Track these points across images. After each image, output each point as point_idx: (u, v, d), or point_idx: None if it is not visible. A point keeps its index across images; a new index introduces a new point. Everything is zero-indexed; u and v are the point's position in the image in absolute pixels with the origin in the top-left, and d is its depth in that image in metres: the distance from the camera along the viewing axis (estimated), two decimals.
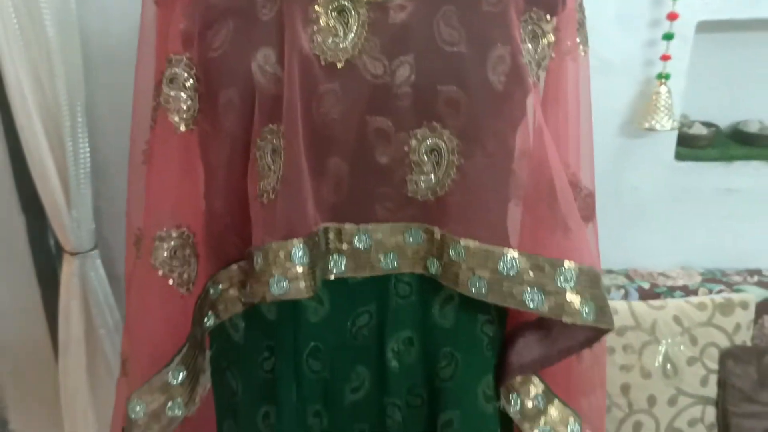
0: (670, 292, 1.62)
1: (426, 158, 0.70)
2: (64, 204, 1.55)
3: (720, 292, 1.61)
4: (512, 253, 0.70)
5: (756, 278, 1.67)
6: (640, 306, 1.55)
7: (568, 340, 0.78)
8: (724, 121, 1.77)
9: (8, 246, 1.73)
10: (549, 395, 0.84)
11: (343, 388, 0.79)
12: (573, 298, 0.70)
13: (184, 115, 0.73)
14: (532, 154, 0.76)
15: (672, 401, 1.54)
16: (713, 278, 1.67)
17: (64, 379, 1.69)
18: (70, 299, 1.63)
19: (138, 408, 0.75)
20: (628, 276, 1.69)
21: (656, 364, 1.53)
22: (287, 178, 0.67)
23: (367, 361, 0.78)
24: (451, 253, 0.71)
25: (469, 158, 0.70)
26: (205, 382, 0.82)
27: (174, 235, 0.75)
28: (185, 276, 0.77)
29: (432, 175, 0.71)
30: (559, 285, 0.70)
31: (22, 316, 1.81)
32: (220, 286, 0.77)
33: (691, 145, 1.68)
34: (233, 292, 0.77)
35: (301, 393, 0.79)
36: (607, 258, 1.74)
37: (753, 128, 1.70)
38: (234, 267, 0.77)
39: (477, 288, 0.70)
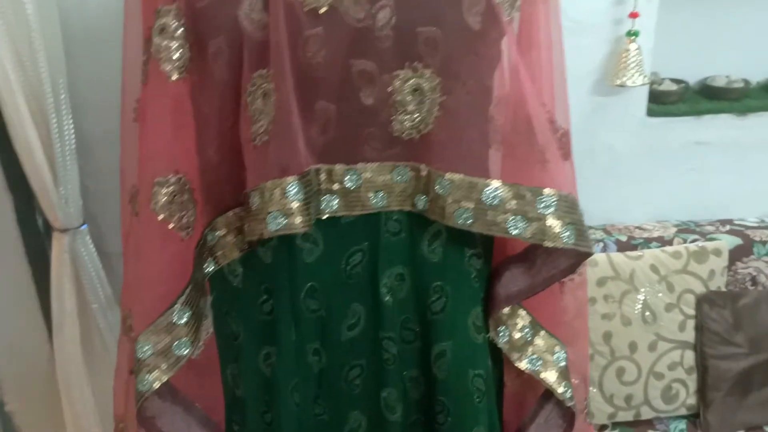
0: (647, 243, 1.68)
1: (409, 98, 0.74)
2: (51, 181, 1.56)
3: (694, 241, 1.67)
4: (495, 183, 0.74)
5: (728, 227, 1.73)
6: (618, 257, 1.61)
7: (551, 269, 0.82)
8: (693, 78, 1.83)
9: None
10: (536, 327, 0.88)
11: (339, 326, 0.83)
12: (553, 223, 0.75)
13: (176, 64, 0.75)
14: (509, 93, 0.80)
15: (652, 347, 1.60)
16: (687, 229, 1.73)
17: (60, 355, 1.72)
18: (62, 276, 1.65)
19: (146, 348, 0.78)
20: (605, 231, 1.75)
21: (636, 312, 1.59)
22: (278, 119, 0.70)
23: (361, 298, 0.82)
24: (437, 188, 0.75)
25: (450, 95, 0.73)
26: (208, 326, 0.85)
27: (172, 180, 0.78)
28: (184, 220, 0.80)
29: (416, 114, 0.74)
30: (540, 211, 0.74)
31: (14, 296, 1.82)
32: (218, 233, 0.80)
33: (662, 102, 1.73)
34: (230, 238, 0.81)
35: (299, 332, 0.82)
36: (585, 214, 1.80)
37: (720, 83, 1.75)
38: (230, 214, 0.80)
39: (463, 219, 0.74)
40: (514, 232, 0.74)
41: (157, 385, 0.78)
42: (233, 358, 0.86)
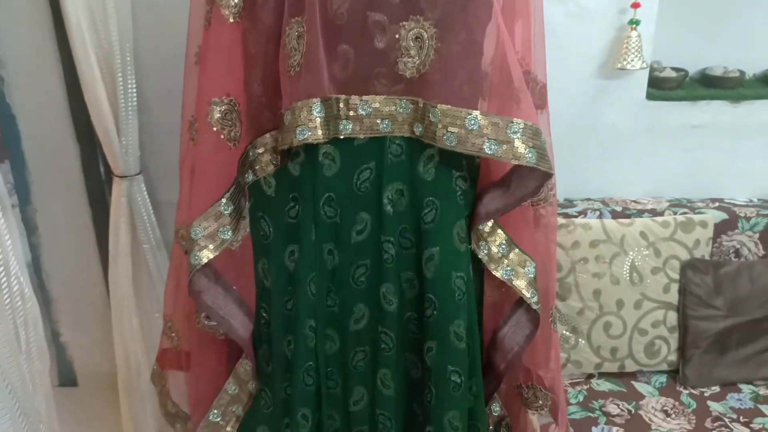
0: (639, 214, 1.85)
1: (412, 44, 0.93)
2: (115, 132, 1.80)
3: (684, 214, 1.83)
4: (475, 113, 0.93)
5: (717, 204, 1.89)
6: (611, 223, 1.78)
7: (523, 190, 1.01)
8: (693, 67, 1.98)
9: (64, 173, 1.99)
10: (510, 244, 1.07)
11: (350, 230, 1.03)
12: (519, 145, 0.94)
13: (233, 10, 0.96)
14: (495, 53, 0.99)
15: (637, 305, 1.77)
16: (679, 204, 1.89)
17: (113, 288, 1.95)
18: (119, 217, 1.88)
19: (198, 231, 1.00)
20: (603, 202, 1.92)
21: (624, 273, 1.76)
22: (308, 55, 0.91)
23: (368, 208, 1.02)
24: (431, 116, 0.94)
25: (444, 42, 0.93)
26: (245, 225, 1.06)
27: (225, 101, 0.99)
28: (232, 134, 1.01)
29: (416, 58, 0.94)
30: (509, 135, 0.93)
31: (75, 236, 2.07)
32: (257, 150, 1.01)
33: (661, 87, 1.90)
34: (267, 156, 1.01)
35: (318, 234, 1.03)
36: (586, 188, 1.98)
37: (717, 72, 1.91)
38: (268, 136, 1.01)
39: (449, 141, 0.94)
40: (488, 152, 0.94)
41: (205, 260, 0.99)
42: (264, 254, 1.07)
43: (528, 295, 1.06)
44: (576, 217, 1.82)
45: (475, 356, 1.10)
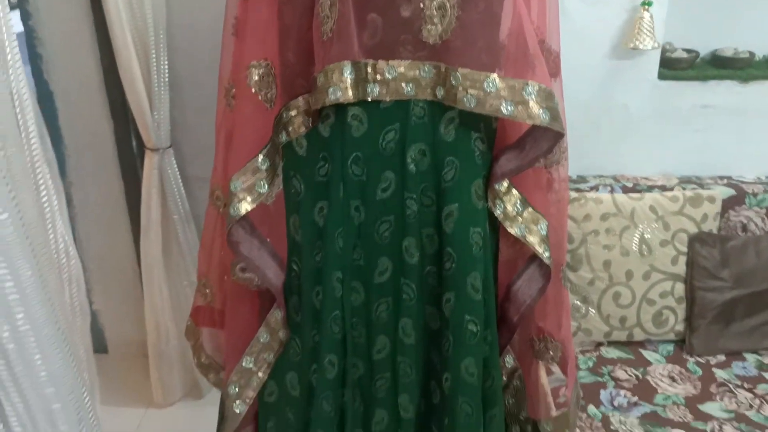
0: (649, 189, 1.92)
1: (435, 13, 1.01)
2: (148, 107, 1.89)
3: (693, 189, 1.90)
4: (493, 76, 1.01)
5: (725, 181, 1.95)
6: (621, 197, 1.86)
7: (536, 150, 1.09)
8: (704, 49, 2.04)
9: (97, 147, 2.09)
10: (525, 203, 1.15)
11: (375, 188, 1.11)
12: (534, 106, 1.01)
13: None
14: (512, 24, 1.07)
15: (646, 276, 1.84)
16: (689, 180, 1.96)
17: (144, 258, 2.05)
18: (150, 189, 1.98)
19: (237, 184, 1.08)
20: (615, 179, 1.99)
21: (633, 245, 1.83)
22: (340, 23, 0.99)
23: (393, 167, 1.10)
24: (452, 80, 1.02)
25: (464, 12, 1.00)
26: (279, 183, 1.14)
27: (262, 64, 1.07)
28: (269, 95, 1.09)
29: (439, 25, 1.02)
30: (524, 96, 1.01)
31: (107, 208, 2.18)
32: (291, 113, 1.09)
33: (673, 68, 1.96)
34: (299, 118, 1.09)
35: (346, 192, 1.11)
36: (599, 166, 2.05)
37: (728, 53, 1.97)
38: (300, 99, 1.09)
39: (469, 102, 1.01)
40: (505, 112, 1.01)
41: (243, 211, 1.08)
42: (295, 210, 1.15)
43: (540, 250, 1.13)
44: (588, 191, 1.89)
45: (490, 308, 1.18)
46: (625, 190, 1.91)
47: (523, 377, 1.30)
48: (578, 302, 1.86)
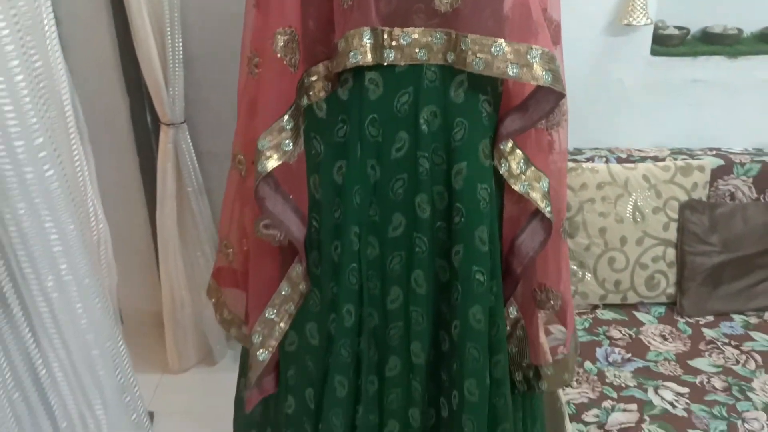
0: (643, 160, 2.01)
1: None
2: (163, 83, 1.97)
3: (683, 160, 2.00)
4: (500, 41, 1.10)
5: (715, 152, 2.05)
6: (616, 167, 1.95)
7: (539, 111, 1.18)
8: (695, 26, 2.13)
9: (113, 123, 2.17)
10: (528, 163, 1.24)
11: (390, 148, 1.20)
12: (537, 68, 1.10)
13: None
14: None
15: (639, 242, 1.94)
16: (680, 152, 2.06)
17: (160, 229, 2.14)
18: (166, 163, 2.07)
19: (264, 142, 1.16)
20: (610, 150, 2.09)
21: (627, 213, 1.93)
22: None
23: (406, 128, 1.19)
24: (462, 45, 1.11)
25: None
26: (301, 144, 1.23)
27: (287, 31, 1.15)
28: (293, 60, 1.17)
29: None
30: (529, 59, 1.10)
31: (123, 182, 2.26)
32: (312, 78, 1.18)
33: (665, 44, 2.06)
34: (320, 83, 1.18)
35: (363, 151, 1.20)
36: (595, 139, 2.15)
37: (717, 30, 2.07)
38: (320, 65, 1.17)
39: (478, 66, 1.10)
40: (511, 74, 1.10)
41: (270, 168, 1.16)
42: (315, 170, 1.24)
43: (542, 205, 1.23)
44: (584, 162, 1.99)
45: (495, 261, 1.28)
46: (620, 160, 2.00)
47: (525, 327, 1.39)
48: (575, 267, 1.96)
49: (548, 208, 1.24)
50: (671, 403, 1.63)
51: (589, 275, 1.96)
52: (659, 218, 1.93)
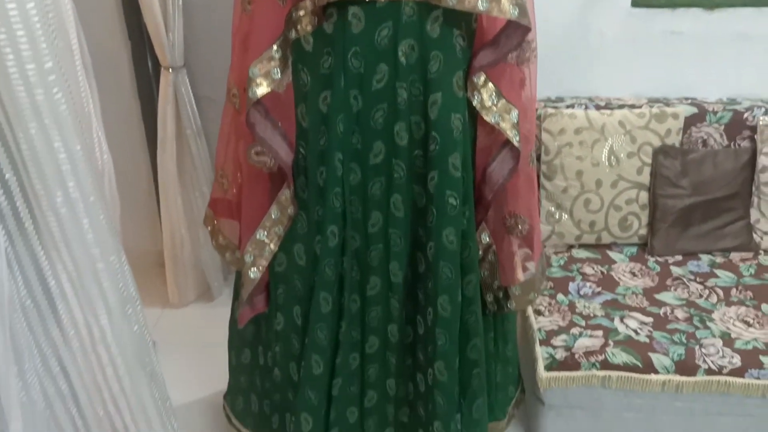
0: (620, 107, 2.11)
1: None
2: (163, 28, 2.06)
3: (659, 107, 2.09)
4: None
5: (690, 101, 2.15)
6: (593, 113, 2.05)
7: (509, 45, 1.28)
8: None
9: (115, 67, 2.26)
10: (499, 96, 1.35)
11: (371, 79, 1.30)
12: (505, 3, 1.19)
13: None
14: None
15: (614, 185, 2.05)
16: (656, 100, 2.15)
17: (161, 170, 2.25)
18: (166, 105, 2.17)
19: (255, 71, 1.26)
20: (590, 99, 2.18)
21: (603, 157, 2.03)
22: None
23: (386, 60, 1.29)
24: None
25: None
26: (289, 75, 1.33)
27: None
28: None
29: None
30: None
31: (124, 126, 2.36)
32: (299, 13, 1.27)
33: None
34: (306, 18, 1.27)
35: (346, 82, 1.30)
36: (574, 88, 2.24)
37: None
38: (308, 0, 1.27)
39: (452, 2, 1.20)
40: (481, 8, 1.20)
41: (260, 94, 1.26)
42: (302, 100, 1.35)
43: (511, 135, 1.34)
44: (564, 109, 2.09)
45: (468, 187, 1.39)
46: (598, 107, 2.10)
47: (496, 252, 1.51)
48: (552, 208, 2.07)
49: (517, 138, 1.34)
50: (635, 331, 1.76)
51: (566, 216, 2.07)
52: (633, 162, 2.04)
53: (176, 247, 2.34)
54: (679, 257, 2.06)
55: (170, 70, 2.12)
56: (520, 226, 1.46)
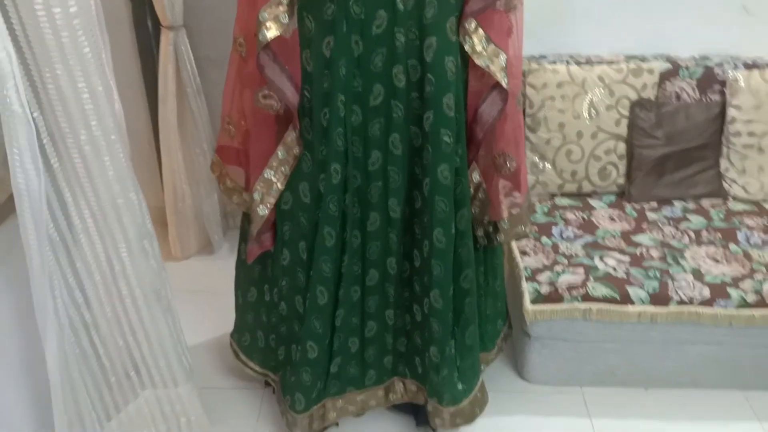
0: (599, 63, 2.23)
1: None
2: None
3: (635, 63, 2.22)
4: None
5: (664, 58, 2.28)
6: (575, 68, 2.18)
7: None
8: None
9: (116, 26, 2.33)
10: (489, 41, 1.46)
11: (371, 24, 1.41)
12: None
13: None
14: None
15: (594, 136, 2.18)
16: (634, 57, 2.28)
17: (162, 126, 2.34)
18: (167, 64, 2.25)
19: (264, 15, 1.35)
20: (571, 56, 2.30)
21: (584, 110, 2.16)
22: None
23: (385, 6, 1.39)
24: None
25: None
26: (295, 22, 1.43)
27: None
28: None
29: None
30: None
31: (125, 84, 2.43)
32: None
33: None
34: None
35: (348, 27, 1.41)
36: (556, 46, 2.35)
37: None
38: None
39: None
40: None
41: (270, 36, 1.36)
42: (307, 45, 1.45)
43: (500, 76, 1.45)
44: (547, 65, 2.21)
45: (461, 127, 1.51)
46: (578, 63, 2.22)
47: (486, 190, 1.64)
48: (536, 159, 2.20)
49: (505, 80, 1.46)
50: (613, 268, 1.90)
51: (549, 166, 2.20)
52: (612, 115, 2.17)
53: (178, 201, 2.44)
54: (654, 204, 2.20)
55: (170, 29, 2.20)
56: (508, 164, 1.58)
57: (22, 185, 1.21)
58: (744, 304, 1.80)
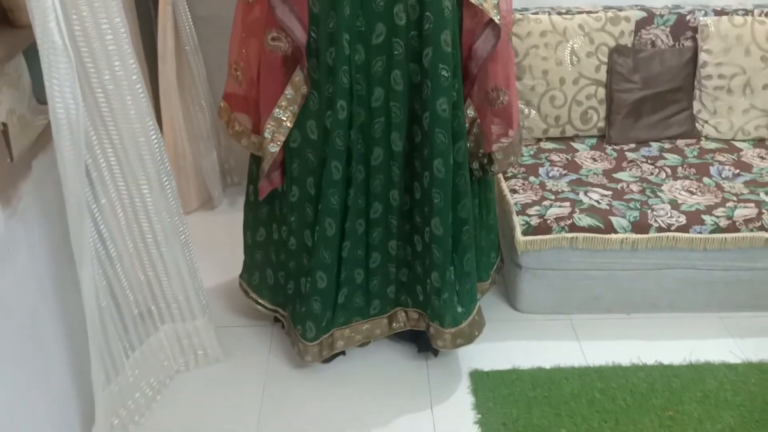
0: (579, 13, 2.36)
1: None
2: None
3: (613, 12, 2.35)
4: None
5: (639, 7, 2.41)
6: (557, 18, 2.30)
7: None
8: None
9: None
10: None
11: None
12: None
13: None
14: None
15: (575, 82, 2.31)
16: (611, 7, 2.41)
17: (162, 83, 2.41)
18: (166, 22, 2.33)
19: None
20: (552, 8, 2.43)
21: (566, 56, 2.29)
22: None
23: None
24: None
25: None
26: None
27: None
28: None
29: None
30: None
31: None
32: None
33: None
34: None
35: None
36: (537, 1, 2.47)
37: None
38: None
39: None
40: None
41: None
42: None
43: (493, 13, 1.57)
44: (531, 15, 2.33)
45: (457, 63, 1.62)
46: (560, 13, 2.35)
47: (480, 125, 1.76)
48: (522, 105, 2.33)
49: (497, 17, 1.58)
50: (597, 201, 2.04)
51: (534, 112, 2.33)
52: (592, 61, 2.30)
53: (179, 158, 2.52)
54: (632, 145, 2.35)
55: None
56: (500, 98, 1.70)
57: (62, 115, 1.30)
58: (717, 228, 1.96)
